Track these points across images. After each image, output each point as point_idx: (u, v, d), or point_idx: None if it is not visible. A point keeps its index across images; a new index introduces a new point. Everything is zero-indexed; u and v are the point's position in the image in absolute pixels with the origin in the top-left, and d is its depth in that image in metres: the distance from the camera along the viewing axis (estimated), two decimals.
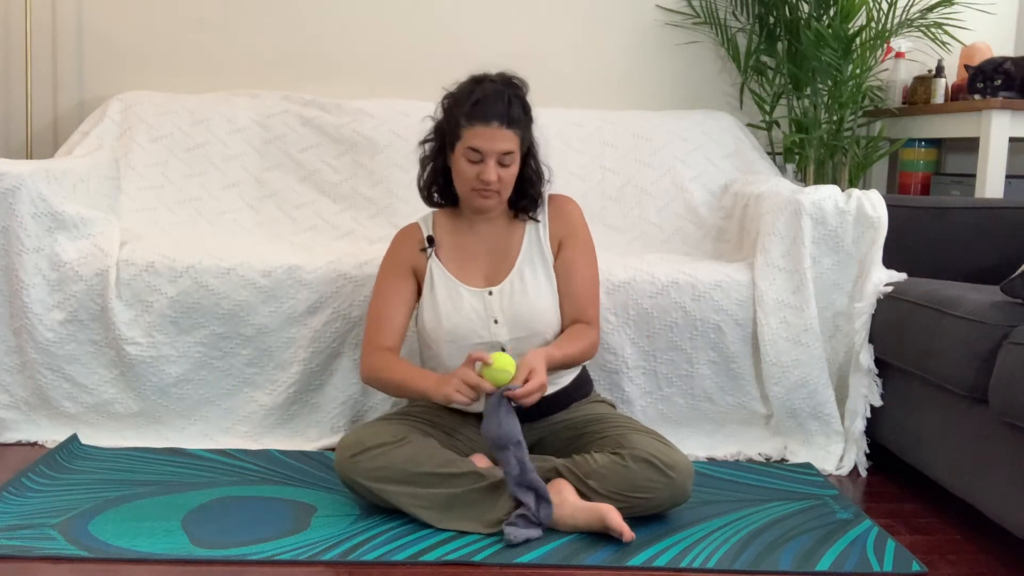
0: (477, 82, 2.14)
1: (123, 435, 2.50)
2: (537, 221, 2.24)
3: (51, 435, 2.48)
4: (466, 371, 1.97)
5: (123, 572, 1.77)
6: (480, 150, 2.08)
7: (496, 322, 2.14)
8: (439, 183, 2.24)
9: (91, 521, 1.97)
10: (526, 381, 1.95)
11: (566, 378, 2.23)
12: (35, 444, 2.47)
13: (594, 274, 2.24)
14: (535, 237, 2.23)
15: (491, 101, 2.08)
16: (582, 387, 2.28)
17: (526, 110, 2.15)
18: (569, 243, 2.23)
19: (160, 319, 2.46)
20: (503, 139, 2.08)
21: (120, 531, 1.92)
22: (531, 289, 2.17)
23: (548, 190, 2.26)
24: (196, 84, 3.33)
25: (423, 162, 2.24)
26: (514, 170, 2.14)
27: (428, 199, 2.26)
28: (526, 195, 2.22)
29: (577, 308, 2.19)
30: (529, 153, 2.19)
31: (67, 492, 2.13)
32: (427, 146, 2.23)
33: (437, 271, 2.20)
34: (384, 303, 2.20)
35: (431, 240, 2.23)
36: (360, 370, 2.24)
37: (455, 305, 2.15)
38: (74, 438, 2.43)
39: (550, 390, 2.19)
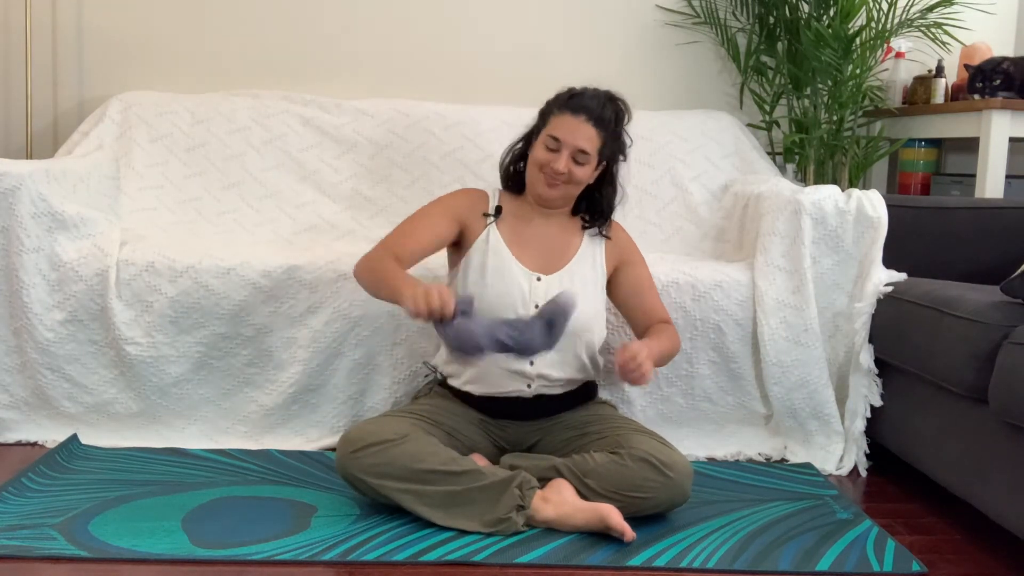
0: (584, 86, 2.24)
1: (123, 435, 2.50)
2: (607, 237, 2.32)
3: (51, 435, 2.48)
4: (440, 286, 1.94)
5: (123, 572, 1.77)
6: (559, 139, 2.15)
7: (536, 307, 2.15)
8: (514, 166, 2.31)
9: (91, 521, 1.97)
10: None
11: (578, 382, 2.25)
12: (35, 444, 2.47)
13: (656, 288, 2.38)
14: (591, 249, 2.29)
15: (587, 97, 2.18)
16: (590, 390, 2.30)
17: (618, 119, 2.22)
18: (632, 261, 2.33)
19: (160, 319, 2.46)
20: (585, 135, 2.14)
21: (120, 531, 1.92)
22: (579, 291, 2.18)
23: (619, 209, 2.34)
24: (196, 84, 3.33)
25: (509, 147, 2.32)
26: (586, 171, 2.19)
27: (503, 176, 2.33)
28: (594, 206, 2.30)
29: (653, 315, 2.30)
30: (608, 167, 2.26)
31: (67, 492, 2.13)
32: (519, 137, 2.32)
33: (495, 240, 2.23)
34: (412, 226, 2.22)
35: (499, 210, 2.27)
36: (356, 264, 2.20)
37: (503, 276, 2.17)
38: (74, 438, 2.43)
39: (559, 390, 2.20)
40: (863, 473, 2.49)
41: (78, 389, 2.48)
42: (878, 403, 2.47)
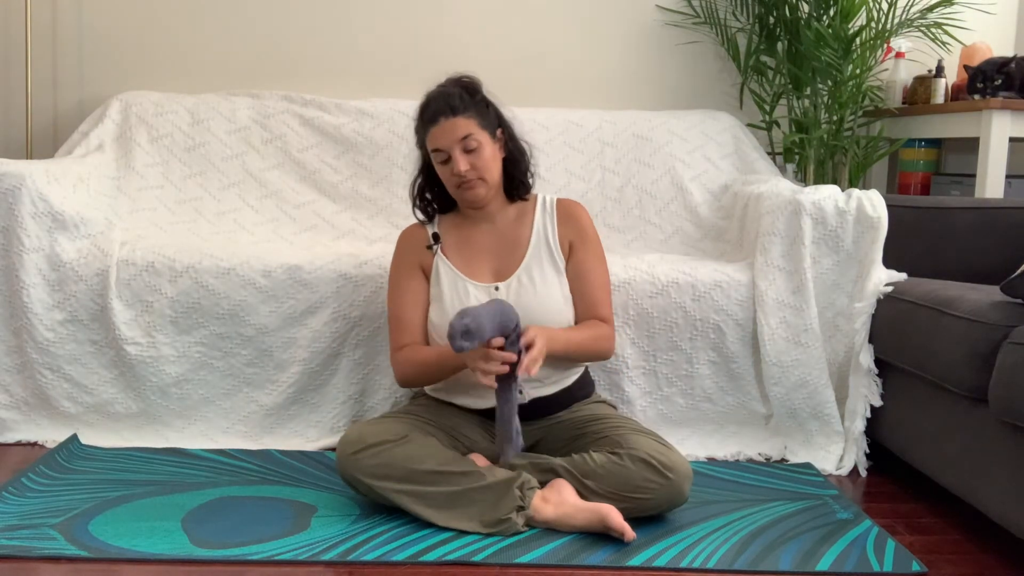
0: (427, 92, 2.23)
1: (123, 435, 2.50)
2: (524, 199, 2.29)
3: (51, 435, 2.48)
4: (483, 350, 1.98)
5: (123, 572, 1.77)
6: (441, 148, 2.15)
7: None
8: (433, 192, 2.30)
9: (91, 521, 1.97)
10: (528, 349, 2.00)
11: (570, 378, 2.24)
12: (35, 444, 2.47)
13: (606, 277, 2.28)
14: (543, 235, 2.26)
15: (434, 102, 2.18)
16: (584, 388, 2.29)
17: (471, 91, 2.20)
18: (580, 246, 2.25)
19: (160, 319, 2.46)
20: (455, 128, 2.14)
21: (120, 531, 1.92)
22: (539, 285, 2.19)
23: (533, 162, 2.30)
24: (196, 84, 3.33)
25: (413, 182, 2.32)
26: (486, 153, 2.17)
27: (424, 212, 2.31)
28: (514, 176, 2.27)
29: (590, 308, 2.22)
30: (504, 134, 2.24)
31: (67, 492, 2.13)
32: (417, 166, 2.32)
33: (443, 267, 2.22)
34: (399, 307, 2.24)
35: (436, 237, 2.26)
36: (395, 376, 2.25)
37: (461, 300, 2.17)
38: (74, 438, 2.43)
39: (552, 389, 2.20)
40: (863, 473, 2.49)
41: (78, 389, 2.48)
42: (878, 403, 2.47)
